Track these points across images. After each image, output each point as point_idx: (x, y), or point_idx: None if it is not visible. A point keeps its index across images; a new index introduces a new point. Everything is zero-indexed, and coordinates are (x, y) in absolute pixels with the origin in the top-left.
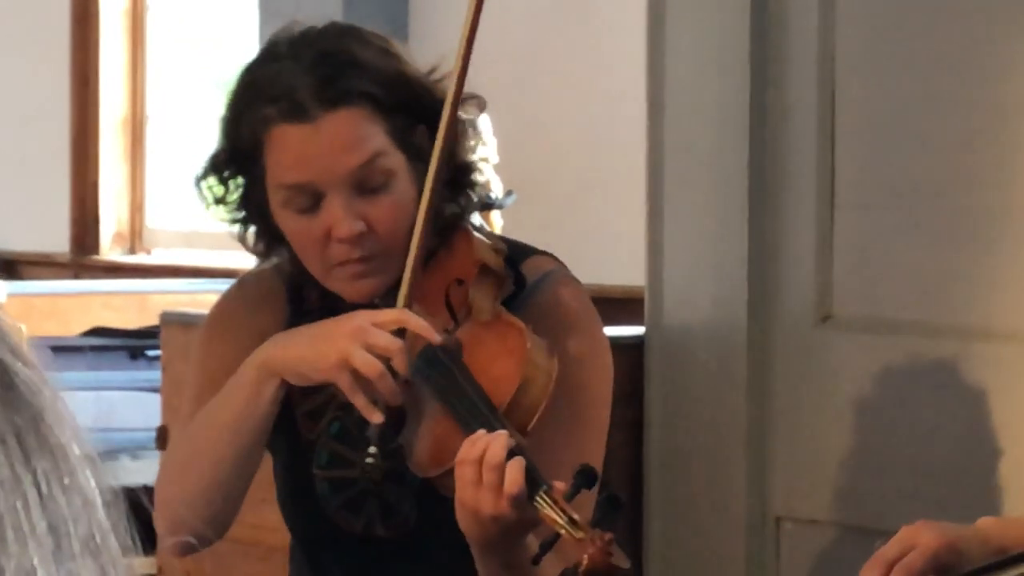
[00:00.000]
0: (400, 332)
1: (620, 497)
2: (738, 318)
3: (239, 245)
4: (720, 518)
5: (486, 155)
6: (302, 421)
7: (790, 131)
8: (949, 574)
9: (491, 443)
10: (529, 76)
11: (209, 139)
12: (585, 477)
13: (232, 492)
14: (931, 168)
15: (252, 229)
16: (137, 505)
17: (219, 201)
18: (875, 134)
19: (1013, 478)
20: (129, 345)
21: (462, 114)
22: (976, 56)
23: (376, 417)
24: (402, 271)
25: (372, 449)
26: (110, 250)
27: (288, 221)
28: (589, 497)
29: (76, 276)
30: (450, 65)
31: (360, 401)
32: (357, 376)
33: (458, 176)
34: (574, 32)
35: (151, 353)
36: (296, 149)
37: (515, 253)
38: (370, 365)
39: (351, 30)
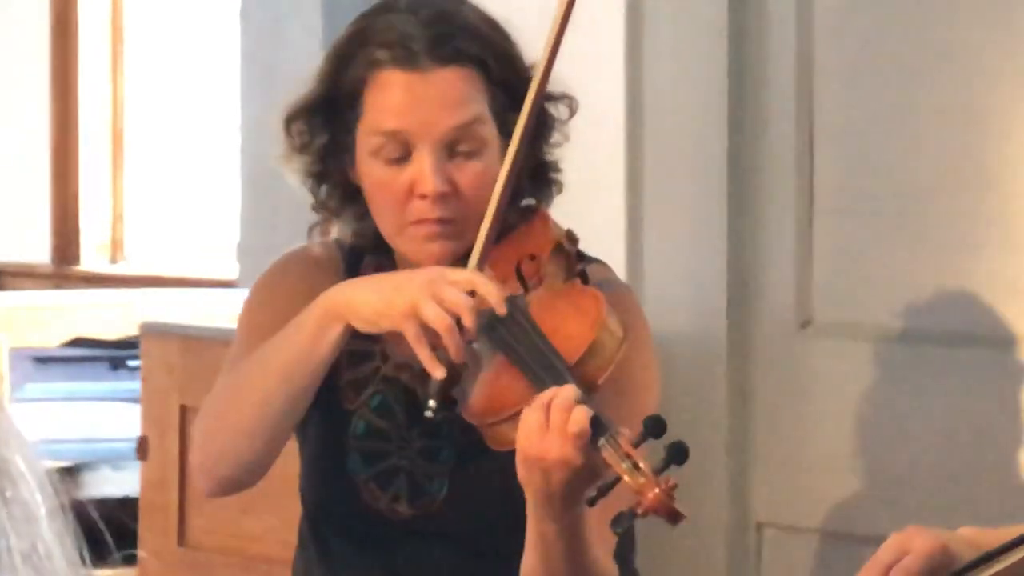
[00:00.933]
0: (470, 293)
1: (686, 446)
2: (718, 325)
3: (219, 253)
4: (702, 524)
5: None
6: (344, 391)
7: (769, 137)
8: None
9: (561, 389)
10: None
11: (188, 150)
12: (654, 426)
13: (276, 435)
14: (910, 173)
15: (325, 185)
16: (118, 515)
17: (302, 149)
18: (854, 140)
19: (994, 484)
20: (110, 356)
21: (552, 111)
22: (954, 62)
23: (439, 372)
24: (473, 240)
25: (432, 403)
26: (91, 260)
27: (374, 170)
28: (651, 450)
29: (57, 286)
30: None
31: (424, 353)
32: (424, 328)
33: (539, 170)
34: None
35: (132, 364)
36: (401, 96)
37: (582, 253)
38: (440, 318)
39: (468, 2)
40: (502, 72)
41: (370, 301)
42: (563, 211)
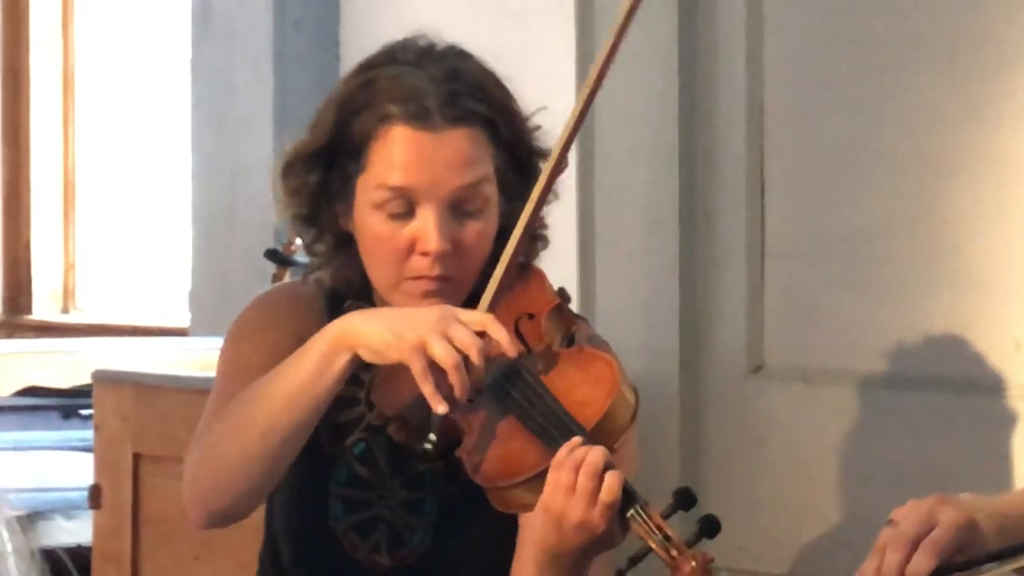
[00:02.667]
0: (480, 335)
1: (718, 520)
2: (670, 370)
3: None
4: (656, 569)
5: None
6: (325, 434)
7: (720, 181)
8: (967, 550)
9: (591, 451)
10: None
11: (139, 200)
12: (683, 499)
13: (276, 466)
14: (860, 216)
15: (314, 229)
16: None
17: (295, 193)
18: (804, 183)
19: None
20: (62, 404)
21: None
22: (903, 105)
23: (442, 407)
24: (466, 300)
25: (432, 436)
26: (43, 309)
27: (375, 223)
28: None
29: (9, 335)
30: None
31: (428, 388)
32: (431, 363)
33: (536, 227)
34: (504, 81)
35: (84, 412)
36: (410, 153)
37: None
38: (448, 354)
39: (470, 56)
40: (508, 132)
41: (379, 332)
42: None
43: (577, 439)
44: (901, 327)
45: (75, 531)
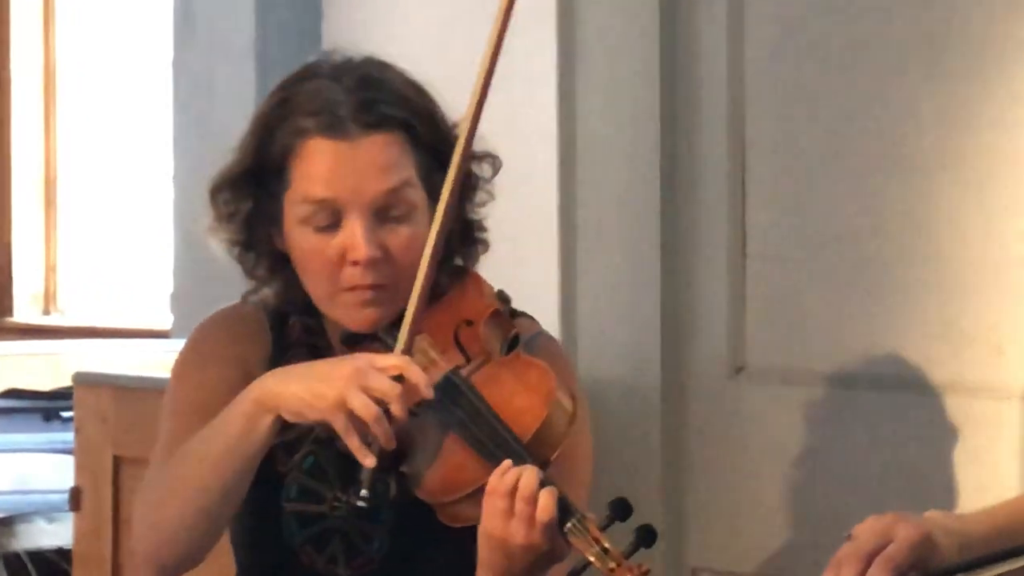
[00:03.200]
0: (399, 377)
1: (655, 529)
2: (651, 371)
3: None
4: None
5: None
6: (276, 453)
7: (701, 183)
8: (925, 567)
9: (523, 474)
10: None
11: (121, 201)
12: (619, 509)
13: (214, 524)
14: (841, 218)
15: (252, 253)
16: (54, 567)
17: (227, 218)
18: (786, 185)
19: None
20: (43, 407)
21: (476, 171)
22: (884, 107)
23: (369, 461)
24: (405, 304)
25: (364, 492)
26: (24, 311)
27: (304, 238)
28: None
29: None
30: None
31: (354, 443)
32: (353, 418)
33: (466, 230)
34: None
35: (65, 415)
36: (329, 164)
37: (511, 309)
38: (367, 408)
39: (390, 65)
40: (428, 135)
41: (299, 394)
42: (497, 260)
43: (507, 462)
44: (882, 329)
45: (56, 533)
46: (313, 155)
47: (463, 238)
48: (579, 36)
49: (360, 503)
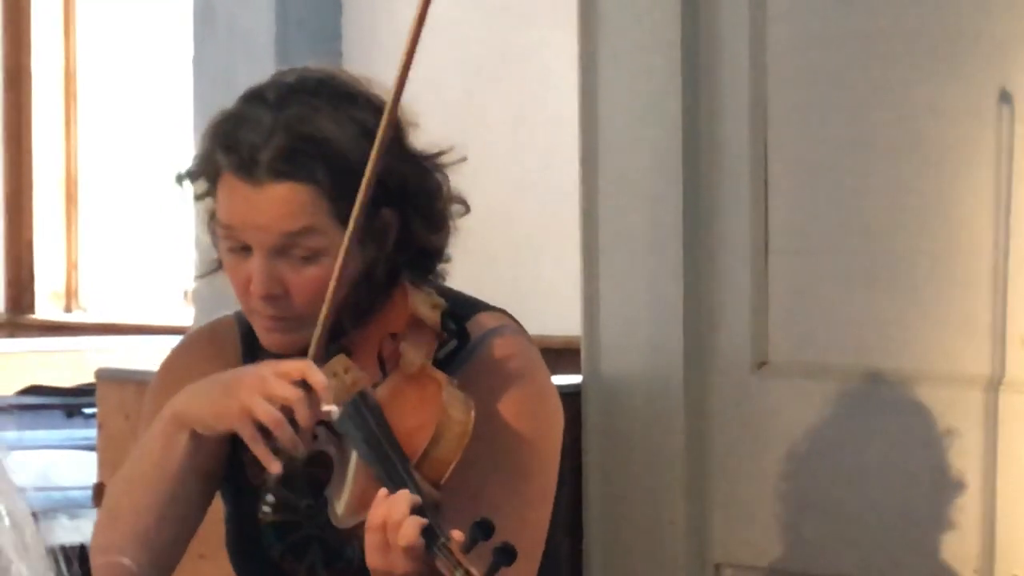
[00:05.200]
0: (305, 384)
1: (512, 548)
2: (674, 366)
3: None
4: (660, 565)
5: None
6: (249, 467)
7: (723, 179)
8: None
9: (392, 505)
10: (462, 128)
11: (141, 197)
12: (481, 529)
13: (163, 538)
14: (864, 213)
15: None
16: (75, 563)
17: (200, 197)
18: (808, 180)
19: (951, 521)
20: (65, 403)
21: (437, 204)
22: (906, 101)
23: (275, 467)
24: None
25: (270, 498)
26: (46, 308)
27: (223, 254)
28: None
29: (11, 335)
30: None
31: (260, 450)
32: (260, 426)
33: (418, 257)
34: (507, 83)
35: (87, 411)
36: (236, 201)
37: (463, 309)
38: (269, 415)
39: (349, 96)
40: (345, 188)
41: (206, 407)
42: (520, 257)
43: (382, 494)
44: (905, 323)
45: (79, 530)
46: (224, 187)
47: (414, 263)
48: (600, 31)
49: (265, 508)
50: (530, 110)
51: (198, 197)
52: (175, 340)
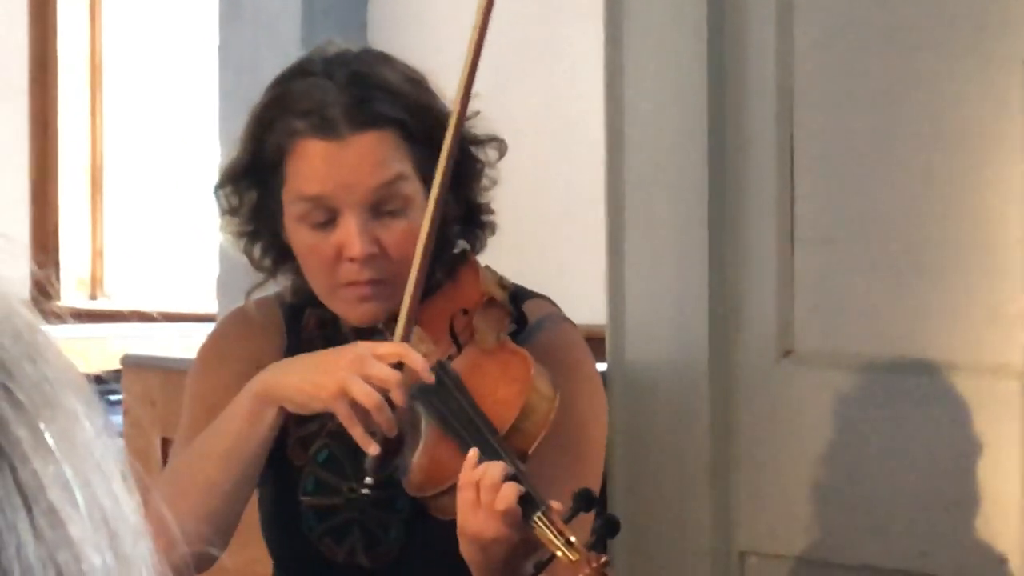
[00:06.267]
0: (399, 365)
1: (617, 520)
2: (700, 354)
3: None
4: (685, 553)
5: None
6: (292, 448)
7: (749, 167)
8: None
9: (489, 466)
10: (489, 116)
11: (167, 185)
12: (583, 500)
13: (226, 516)
14: (890, 202)
15: (258, 245)
16: None
17: (233, 211)
18: (834, 168)
19: (977, 510)
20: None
21: (480, 155)
22: (932, 91)
23: (373, 448)
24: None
25: (368, 480)
26: (71, 296)
27: (301, 235)
28: (587, 520)
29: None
30: (475, 106)
31: (357, 432)
32: (355, 406)
33: (470, 215)
34: (534, 73)
35: (113, 398)
36: (320, 163)
37: (518, 293)
38: (368, 396)
39: (385, 57)
40: (423, 129)
41: (299, 385)
42: (545, 244)
43: (473, 456)
44: (931, 312)
45: None
46: (305, 155)
47: (467, 222)
48: (626, 20)
49: (364, 491)
50: (556, 101)
51: (231, 210)
52: (200, 327)
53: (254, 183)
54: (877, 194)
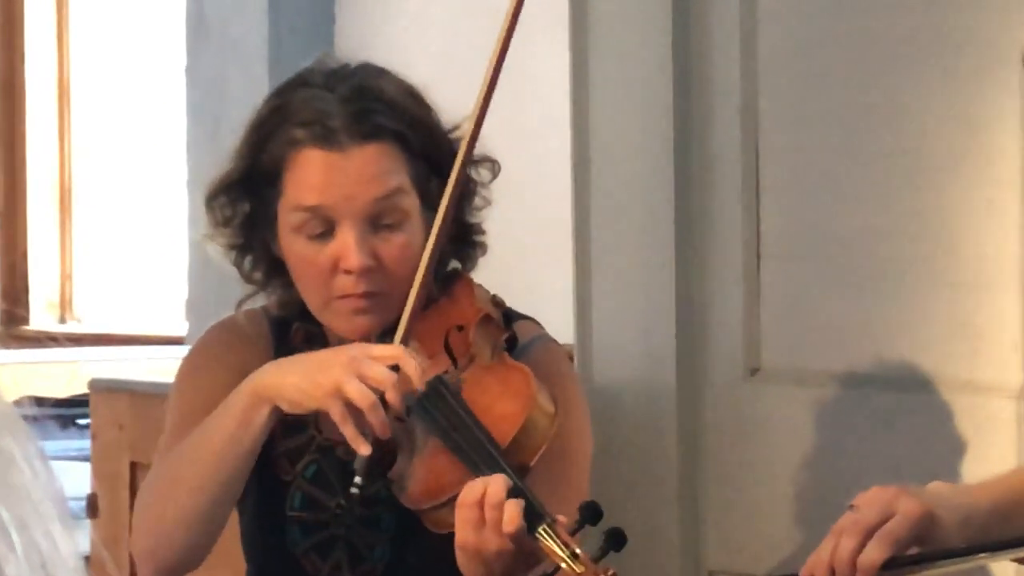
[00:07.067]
0: (394, 368)
1: (623, 532)
2: (667, 373)
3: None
4: (653, 572)
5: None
6: (279, 462)
7: (715, 184)
8: (925, 543)
9: (491, 483)
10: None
11: (135, 208)
12: (590, 512)
13: (213, 520)
14: (855, 219)
15: (249, 257)
16: None
17: (225, 223)
18: (800, 185)
19: None
20: (59, 414)
21: (474, 175)
22: (896, 109)
23: (364, 448)
24: (399, 313)
25: (357, 479)
26: (40, 319)
27: (296, 246)
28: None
29: (6, 346)
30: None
31: (350, 431)
32: (349, 406)
33: (463, 234)
34: (500, 90)
35: (81, 422)
36: (321, 173)
37: (509, 313)
38: (363, 395)
39: (384, 72)
40: (422, 143)
41: (295, 382)
42: (512, 263)
43: (481, 482)
44: (898, 329)
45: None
46: (305, 165)
47: (460, 241)
48: (591, 39)
49: (353, 490)
50: (522, 118)
51: (224, 221)
52: (169, 351)
53: (248, 194)
54: (843, 211)
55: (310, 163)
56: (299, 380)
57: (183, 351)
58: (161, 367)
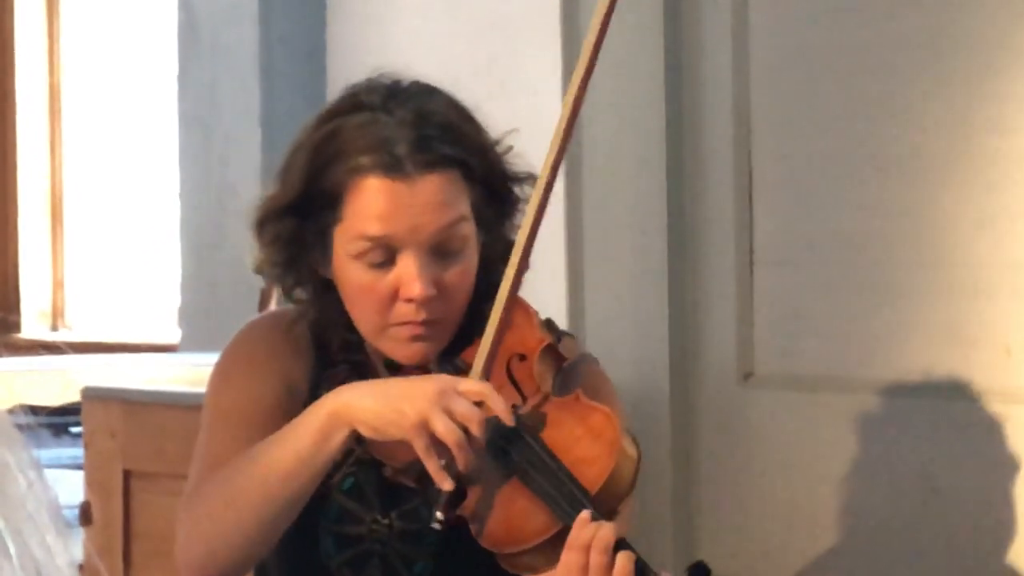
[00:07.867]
0: (479, 403)
1: (707, 566)
2: (660, 378)
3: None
4: None
5: None
6: None
7: (707, 190)
8: None
9: (601, 529)
10: None
11: (127, 216)
12: (699, 572)
13: (273, 535)
14: (847, 223)
15: (292, 276)
16: None
17: (271, 243)
18: (792, 191)
19: (939, 531)
20: (52, 422)
21: (518, 191)
22: (889, 113)
23: (448, 484)
24: (452, 337)
25: (439, 515)
26: (32, 327)
27: (355, 273)
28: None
29: None
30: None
31: (433, 465)
32: (434, 439)
33: (506, 252)
34: (491, 97)
35: (74, 430)
36: (386, 202)
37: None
38: (451, 432)
39: (435, 90)
40: (482, 169)
41: (379, 409)
42: None
43: (586, 515)
44: (890, 334)
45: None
46: (369, 193)
47: (504, 260)
48: (583, 46)
49: (435, 525)
50: (514, 121)
51: (271, 242)
52: (161, 359)
53: (297, 215)
54: (836, 215)
55: (375, 191)
56: (383, 408)
57: (176, 359)
58: (154, 375)
